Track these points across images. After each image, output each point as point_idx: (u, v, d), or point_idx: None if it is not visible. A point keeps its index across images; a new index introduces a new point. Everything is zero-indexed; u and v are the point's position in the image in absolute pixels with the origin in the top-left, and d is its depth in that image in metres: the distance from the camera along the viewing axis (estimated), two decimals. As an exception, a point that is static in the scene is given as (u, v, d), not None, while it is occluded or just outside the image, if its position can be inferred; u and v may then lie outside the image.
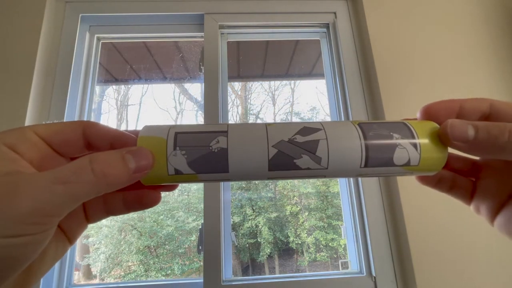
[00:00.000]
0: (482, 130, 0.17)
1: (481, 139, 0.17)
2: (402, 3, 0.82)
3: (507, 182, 0.20)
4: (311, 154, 0.18)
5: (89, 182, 0.15)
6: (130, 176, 0.16)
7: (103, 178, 0.15)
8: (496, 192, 0.21)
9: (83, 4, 0.82)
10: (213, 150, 0.18)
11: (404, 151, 0.19)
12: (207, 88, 0.78)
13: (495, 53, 0.80)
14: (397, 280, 0.67)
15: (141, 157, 0.17)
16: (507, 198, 0.20)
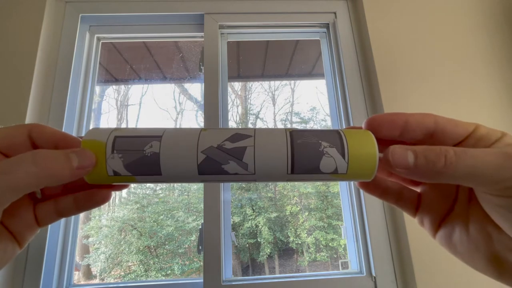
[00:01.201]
0: (420, 156, 0.17)
1: (419, 165, 0.17)
2: (402, 3, 0.82)
3: (446, 196, 0.21)
4: (238, 161, 0.19)
5: (29, 173, 0.16)
6: (73, 171, 0.17)
7: (45, 170, 0.16)
8: (438, 206, 0.21)
9: (83, 4, 0.82)
10: (147, 154, 0.19)
11: (331, 160, 0.19)
12: (207, 88, 0.78)
13: (495, 53, 0.80)
14: (397, 280, 0.67)
15: (84, 157, 0.18)
16: (448, 212, 0.21)
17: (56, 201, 0.20)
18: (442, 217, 0.21)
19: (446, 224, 0.21)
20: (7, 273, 0.62)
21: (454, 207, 0.21)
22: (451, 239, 0.20)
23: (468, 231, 0.19)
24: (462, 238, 0.19)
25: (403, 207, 0.23)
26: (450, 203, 0.21)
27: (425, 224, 0.22)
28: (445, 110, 0.74)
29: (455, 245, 0.20)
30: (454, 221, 0.20)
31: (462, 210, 0.20)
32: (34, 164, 0.16)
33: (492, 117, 0.75)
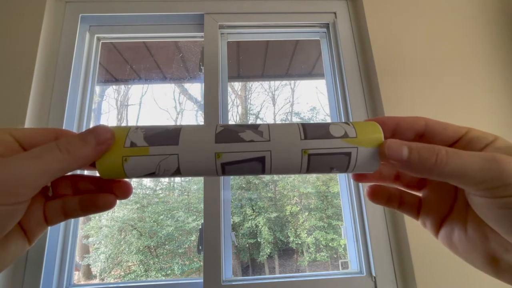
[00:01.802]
0: (414, 152, 0.19)
1: (412, 160, 0.19)
2: (402, 3, 0.82)
3: (446, 198, 0.22)
4: (253, 129, 0.22)
5: (57, 158, 0.18)
6: (95, 148, 0.19)
7: (70, 154, 0.18)
8: (438, 207, 0.22)
9: (83, 4, 0.82)
10: (169, 129, 0.22)
11: (338, 126, 0.22)
12: (207, 88, 0.78)
13: (495, 52, 0.80)
14: (397, 280, 0.67)
15: (98, 133, 0.20)
16: (447, 213, 0.22)
17: (64, 201, 0.21)
18: (443, 218, 0.22)
19: (446, 225, 0.22)
20: (7, 273, 0.62)
21: (453, 208, 0.22)
22: (451, 239, 0.21)
23: (466, 231, 0.20)
24: (461, 237, 0.21)
25: (406, 211, 0.24)
26: (450, 204, 0.22)
27: (427, 226, 0.23)
28: (445, 110, 0.74)
29: (455, 244, 0.21)
30: (453, 222, 0.21)
31: (461, 211, 0.21)
32: (60, 150, 0.18)
33: (491, 117, 0.75)
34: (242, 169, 0.21)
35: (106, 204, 0.22)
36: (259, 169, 0.21)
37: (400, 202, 0.24)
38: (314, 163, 0.21)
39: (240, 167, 0.21)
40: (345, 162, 0.21)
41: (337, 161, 0.21)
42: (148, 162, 0.21)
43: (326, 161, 0.21)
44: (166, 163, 0.21)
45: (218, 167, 0.21)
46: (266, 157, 0.21)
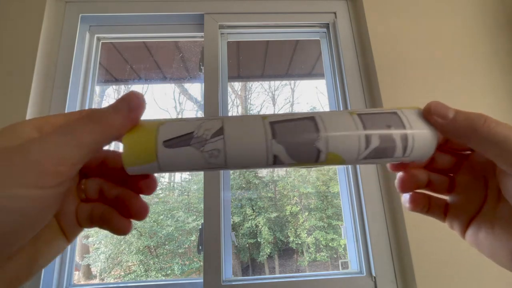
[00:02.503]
0: (461, 113, 0.19)
1: (459, 118, 0.19)
2: (402, 3, 0.82)
3: (475, 199, 0.23)
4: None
5: (89, 129, 0.17)
6: (127, 116, 0.18)
7: (100, 124, 0.17)
8: (466, 208, 0.23)
9: (83, 4, 0.82)
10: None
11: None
12: (207, 88, 0.78)
13: (495, 52, 0.80)
14: (397, 280, 0.67)
15: (130, 98, 0.19)
16: (475, 214, 0.22)
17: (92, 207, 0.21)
18: (470, 219, 0.23)
19: (473, 225, 0.22)
20: (7, 273, 0.62)
21: (482, 209, 0.22)
22: (477, 237, 0.22)
23: (494, 230, 0.21)
24: (488, 236, 0.21)
25: (433, 214, 0.25)
26: (479, 205, 0.22)
27: (454, 227, 0.24)
28: (445, 110, 0.74)
29: (482, 243, 0.22)
30: (481, 222, 0.22)
31: (490, 211, 0.22)
32: (91, 121, 0.17)
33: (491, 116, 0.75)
34: (294, 129, 0.20)
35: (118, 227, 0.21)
36: (311, 128, 0.20)
37: (429, 207, 0.24)
38: (367, 120, 0.20)
39: (291, 127, 0.20)
40: (399, 123, 0.20)
41: (391, 119, 0.21)
42: (186, 124, 0.19)
43: (381, 118, 0.21)
44: (208, 123, 0.19)
45: (267, 126, 0.20)
46: (316, 117, 0.20)
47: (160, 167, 0.19)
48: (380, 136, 0.20)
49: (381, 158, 0.21)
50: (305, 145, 0.19)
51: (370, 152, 0.20)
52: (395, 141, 0.20)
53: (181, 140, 0.19)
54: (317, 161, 0.20)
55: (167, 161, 0.19)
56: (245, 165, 0.20)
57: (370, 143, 0.20)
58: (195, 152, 0.19)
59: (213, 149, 0.19)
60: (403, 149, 0.20)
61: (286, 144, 0.19)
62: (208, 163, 0.19)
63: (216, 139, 0.19)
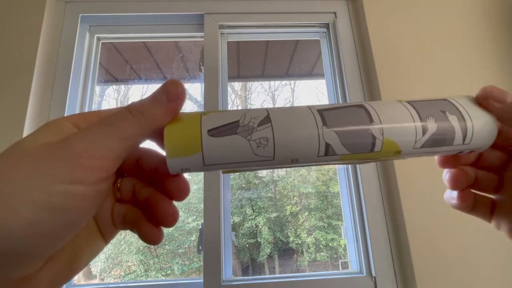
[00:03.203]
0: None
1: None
2: (402, 3, 0.82)
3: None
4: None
5: (129, 121, 0.16)
6: (167, 105, 0.17)
7: (141, 116, 0.17)
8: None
9: (83, 4, 0.82)
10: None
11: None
12: (207, 88, 0.78)
13: (495, 52, 0.80)
14: (397, 280, 0.67)
15: (169, 88, 0.18)
16: None
17: (126, 207, 0.20)
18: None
19: None
20: (7, 273, 0.62)
21: None
22: None
23: None
24: None
25: (478, 214, 0.23)
26: None
27: (502, 227, 0.22)
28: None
29: None
30: None
31: None
32: (131, 113, 0.17)
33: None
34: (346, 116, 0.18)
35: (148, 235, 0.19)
36: (363, 114, 0.18)
37: (473, 205, 0.23)
38: (419, 106, 0.19)
39: (341, 114, 0.18)
40: (453, 108, 0.19)
41: (444, 105, 0.19)
42: (230, 113, 0.18)
43: (433, 104, 0.19)
44: (253, 112, 0.18)
45: (316, 113, 0.18)
46: (365, 104, 0.19)
47: (204, 159, 0.17)
48: (436, 120, 0.19)
49: (440, 146, 0.19)
50: (359, 131, 0.18)
51: (428, 139, 0.18)
52: (453, 126, 0.19)
53: (227, 129, 0.17)
54: (372, 150, 0.18)
55: (213, 152, 0.17)
56: (295, 157, 0.18)
57: (426, 128, 0.18)
58: (243, 140, 0.17)
59: (261, 137, 0.17)
60: (463, 135, 0.19)
61: (339, 131, 0.18)
62: (255, 155, 0.17)
63: (264, 127, 0.17)
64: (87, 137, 0.15)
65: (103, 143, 0.15)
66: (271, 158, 0.18)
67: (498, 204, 0.23)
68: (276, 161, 0.18)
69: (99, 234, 0.20)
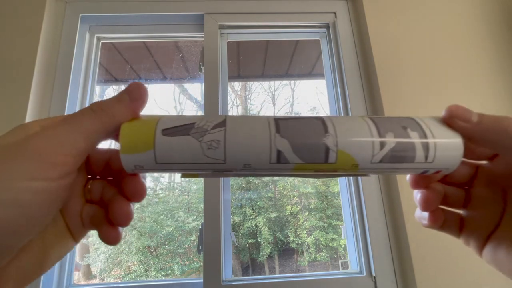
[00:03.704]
0: (486, 115, 0.18)
1: (485, 121, 0.18)
2: (402, 3, 0.82)
3: (492, 214, 0.21)
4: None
5: (91, 118, 0.17)
6: (129, 105, 0.18)
7: (102, 113, 0.17)
8: (483, 224, 0.21)
9: (83, 4, 0.82)
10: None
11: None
12: (207, 88, 0.78)
13: (496, 52, 0.80)
14: (397, 280, 0.67)
15: (132, 88, 0.19)
16: (493, 230, 0.21)
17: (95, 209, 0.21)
18: (488, 235, 0.21)
19: (492, 242, 0.21)
20: (7, 273, 0.62)
21: (501, 224, 0.21)
22: (496, 255, 0.20)
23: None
24: (509, 254, 0.19)
25: (447, 230, 0.23)
26: (497, 220, 0.21)
27: (470, 244, 0.22)
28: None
29: (502, 261, 0.20)
30: (500, 238, 0.20)
31: (509, 226, 0.20)
32: (93, 110, 0.17)
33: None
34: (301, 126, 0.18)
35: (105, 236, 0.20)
36: (319, 125, 0.18)
37: (443, 222, 0.23)
38: (379, 121, 0.19)
39: (297, 124, 0.19)
40: (416, 126, 0.19)
41: (406, 121, 0.19)
42: (189, 117, 0.19)
43: (395, 120, 0.19)
44: (212, 117, 0.19)
45: (271, 121, 0.18)
46: (324, 117, 0.19)
47: (156, 157, 0.18)
48: (395, 135, 0.18)
49: (401, 163, 0.18)
50: (312, 141, 0.18)
51: (386, 154, 0.18)
52: (413, 143, 0.18)
53: (181, 129, 0.18)
54: (326, 162, 0.18)
55: (164, 150, 0.18)
56: (247, 162, 0.18)
57: (384, 143, 0.18)
58: (194, 142, 0.18)
59: (212, 140, 0.18)
60: (424, 153, 0.18)
61: (291, 139, 0.18)
62: (206, 156, 0.18)
63: (217, 130, 0.18)
64: (48, 134, 0.16)
65: (64, 139, 0.16)
66: (222, 161, 0.18)
67: (466, 220, 0.23)
68: (228, 164, 0.18)
69: (69, 233, 0.20)
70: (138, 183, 0.20)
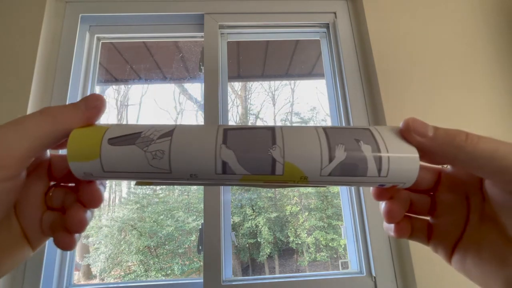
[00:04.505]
0: (441, 130, 0.18)
1: (439, 136, 0.18)
2: (402, 3, 0.82)
3: (457, 221, 0.21)
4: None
5: (38, 121, 0.17)
6: (84, 113, 0.18)
7: (52, 117, 0.17)
8: (449, 232, 0.21)
9: (83, 4, 0.82)
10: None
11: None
12: (207, 88, 0.78)
13: (496, 52, 0.80)
14: (397, 280, 0.67)
15: (90, 97, 0.19)
16: (460, 237, 0.21)
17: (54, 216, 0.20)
18: (455, 242, 0.21)
19: (459, 249, 0.20)
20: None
21: (465, 231, 0.20)
22: (465, 264, 0.20)
23: (481, 255, 0.19)
24: (475, 262, 0.19)
25: (416, 238, 0.23)
26: (462, 228, 0.21)
27: (439, 252, 0.22)
28: (446, 110, 0.74)
29: (470, 269, 0.20)
30: (467, 246, 0.20)
31: (474, 233, 0.20)
32: (42, 113, 0.17)
33: (493, 118, 0.75)
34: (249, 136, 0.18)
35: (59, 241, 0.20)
36: (268, 136, 0.18)
37: (412, 230, 0.22)
38: (332, 133, 0.19)
39: (245, 134, 0.18)
40: (370, 138, 0.18)
41: (361, 134, 0.19)
42: (139, 126, 0.19)
43: (350, 132, 0.19)
44: (161, 126, 0.19)
45: (220, 132, 0.18)
46: (276, 128, 0.19)
47: (103, 166, 0.18)
48: (346, 149, 0.18)
49: (353, 176, 0.18)
50: (258, 152, 0.18)
51: (336, 167, 0.18)
52: (365, 156, 0.18)
53: (127, 139, 0.18)
54: (273, 173, 0.18)
55: (110, 159, 0.18)
56: (193, 172, 0.18)
57: (334, 155, 0.18)
58: (139, 151, 0.18)
59: (157, 150, 0.18)
60: (377, 167, 0.18)
61: (237, 150, 0.18)
62: (151, 166, 0.18)
63: (163, 140, 0.18)
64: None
65: (7, 141, 0.15)
66: (168, 171, 0.18)
67: (434, 227, 0.22)
68: (174, 174, 0.18)
69: (25, 240, 0.20)
70: (93, 190, 0.20)
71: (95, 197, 0.20)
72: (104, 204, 1.42)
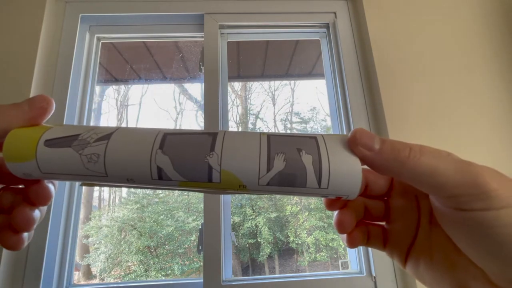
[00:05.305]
0: (387, 144, 0.18)
1: (384, 151, 0.17)
2: (402, 3, 0.82)
3: (409, 226, 0.21)
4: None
5: None
6: (27, 112, 0.18)
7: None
8: (403, 237, 0.21)
9: (83, 4, 0.82)
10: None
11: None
12: (207, 88, 0.78)
13: (496, 52, 0.80)
14: (397, 280, 0.67)
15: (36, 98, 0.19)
16: (412, 241, 0.21)
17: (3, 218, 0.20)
18: (408, 247, 0.21)
19: (412, 254, 0.21)
20: (7, 273, 0.62)
21: (417, 237, 0.20)
22: (418, 269, 0.20)
23: (433, 259, 0.19)
24: (427, 266, 0.19)
25: (373, 245, 0.23)
26: (414, 232, 0.21)
27: (394, 257, 0.22)
28: (445, 110, 0.74)
29: (422, 275, 0.20)
30: (419, 250, 0.20)
31: (426, 238, 0.20)
32: None
33: (492, 117, 0.75)
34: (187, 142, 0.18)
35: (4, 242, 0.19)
36: (207, 143, 0.18)
37: (368, 237, 0.22)
38: (275, 141, 0.18)
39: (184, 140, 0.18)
40: (314, 148, 0.18)
41: (305, 143, 0.18)
42: (79, 128, 0.19)
43: (294, 141, 0.18)
44: (102, 129, 0.18)
45: (159, 137, 0.18)
46: (219, 133, 0.19)
47: (40, 167, 0.17)
48: (286, 158, 0.17)
49: (292, 187, 0.18)
50: (194, 159, 0.17)
51: (274, 177, 0.17)
52: (305, 166, 0.17)
53: (63, 141, 0.18)
54: (210, 181, 0.17)
55: (46, 161, 0.17)
56: (130, 177, 0.18)
57: (272, 165, 0.17)
58: (74, 154, 0.17)
59: (92, 153, 0.17)
60: (317, 178, 0.17)
61: (172, 156, 0.17)
62: (86, 169, 0.17)
63: (99, 143, 0.18)
64: None
65: None
66: (104, 174, 0.18)
67: (388, 232, 0.22)
68: (110, 178, 0.18)
69: None
70: (40, 187, 0.20)
71: (41, 194, 0.20)
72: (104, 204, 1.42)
